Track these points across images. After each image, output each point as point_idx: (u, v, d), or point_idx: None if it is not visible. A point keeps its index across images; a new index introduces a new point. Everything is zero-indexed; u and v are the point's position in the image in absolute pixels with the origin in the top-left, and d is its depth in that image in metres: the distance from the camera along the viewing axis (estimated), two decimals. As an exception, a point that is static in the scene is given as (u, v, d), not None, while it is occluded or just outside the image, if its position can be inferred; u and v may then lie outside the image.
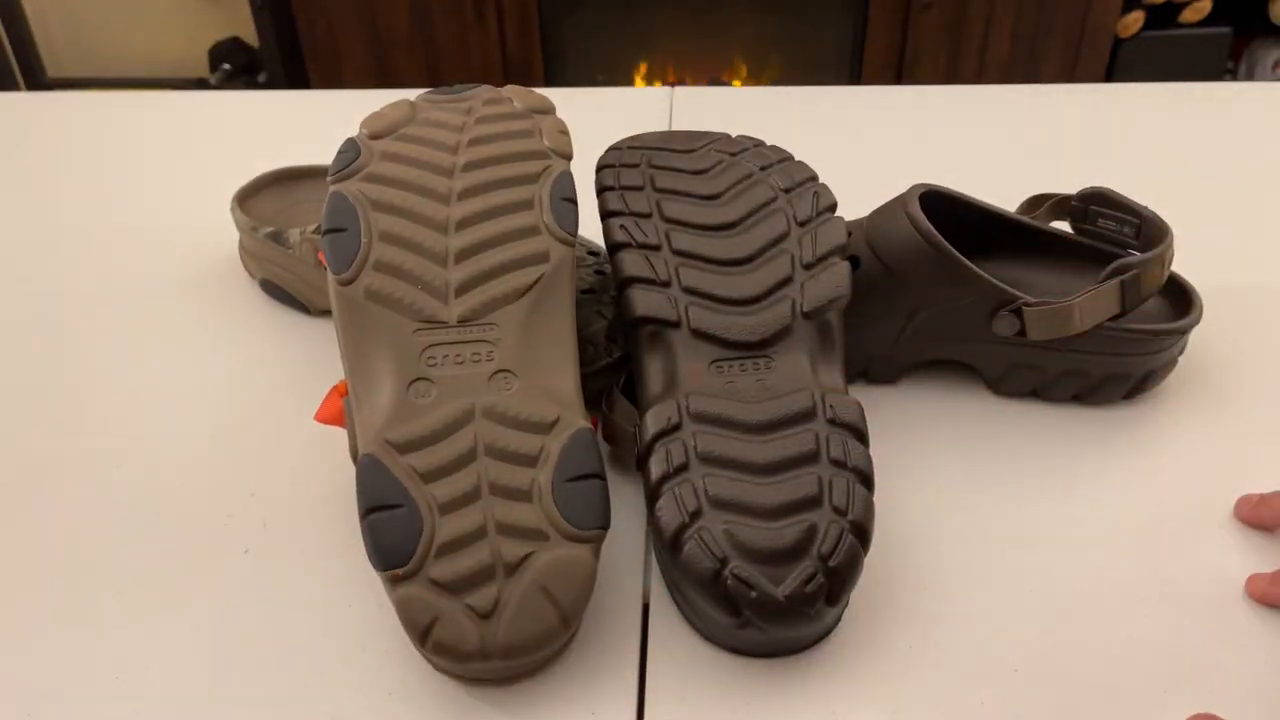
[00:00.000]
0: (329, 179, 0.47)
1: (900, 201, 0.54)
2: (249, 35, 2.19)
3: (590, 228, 0.55)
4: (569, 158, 0.50)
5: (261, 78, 2.20)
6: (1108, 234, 0.56)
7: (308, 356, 0.61)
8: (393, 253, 0.45)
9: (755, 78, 2.17)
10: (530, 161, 0.49)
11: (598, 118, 0.71)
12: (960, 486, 0.51)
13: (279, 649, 0.43)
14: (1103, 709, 0.40)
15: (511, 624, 0.39)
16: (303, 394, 0.56)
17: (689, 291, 0.49)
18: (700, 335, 0.48)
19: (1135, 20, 1.98)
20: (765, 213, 0.52)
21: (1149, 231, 0.54)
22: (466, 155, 0.49)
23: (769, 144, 0.57)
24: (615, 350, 0.54)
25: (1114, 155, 0.84)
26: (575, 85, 0.99)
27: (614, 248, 0.51)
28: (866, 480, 0.43)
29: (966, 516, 0.49)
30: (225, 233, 0.70)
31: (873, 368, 0.57)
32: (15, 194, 0.82)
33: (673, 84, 0.99)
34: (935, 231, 0.52)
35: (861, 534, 0.42)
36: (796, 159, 0.56)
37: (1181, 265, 0.56)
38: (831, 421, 0.45)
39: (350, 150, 0.49)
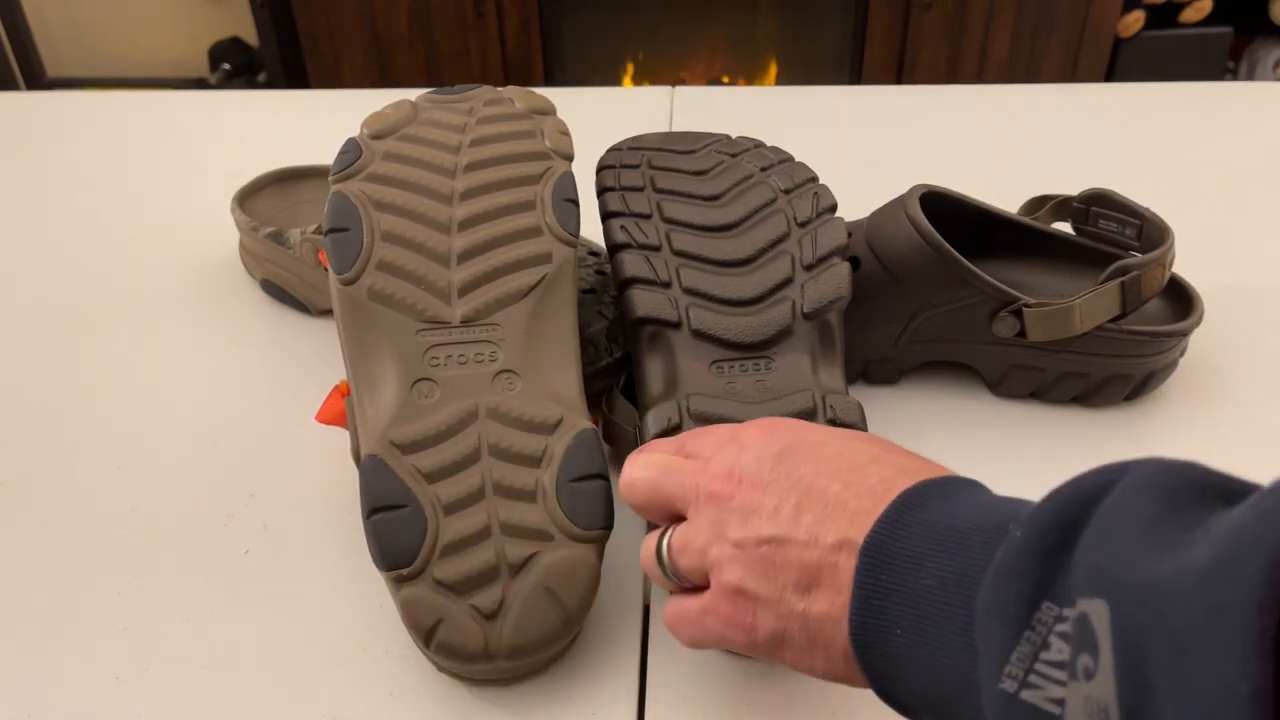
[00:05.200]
0: (331, 179, 0.47)
1: (900, 202, 0.54)
2: (249, 35, 2.19)
3: (591, 228, 0.55)
4: (570, 158, 0.50)
5: (261, 78, 2.20)
6: (1109, 235, 0.56)
7: (308, 356, 0.61)
8: (395, 253, 0.45)
9: (755, 78, 2.17)
10: (532, 162, 0.49)
11: (598, 118, 0.71)
12: (961, 487, 0.51)
13: (279, 649, 0.43)
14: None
15: (516, 624, 0.39)
16: (303, 394, 0.56)
17: (689, 292, 0.49)
18: (701, 336, 0.48)
19: (1135, 20, 1.98)
20: (765, 214, 0.52)
21: (1150, 233, 0.54)
22: (468, 156, 0.49)
23: (769, 145, 0.57)
24: (616, 350, 0.54)
25: (1114, 155, 0.84)
26: (575, 85, 0.99)
27: (614, 248, 0.51)
28: (867, 481, 0.43)
29: (967, 517, 0.49)
30: (225, 233, 0.70)
31: (873, 368, 0.57)
32: (15, 194, 0.82)
33: (673, 84, 0.99)
34: (935, 232, 0.52)
35: (863, 534, 0.42)
36: (796, 160, 0.56)
37: (1182, 266, 0.56)
38: (832, 422, 0.45)
39: (352, 150, 0.49)
